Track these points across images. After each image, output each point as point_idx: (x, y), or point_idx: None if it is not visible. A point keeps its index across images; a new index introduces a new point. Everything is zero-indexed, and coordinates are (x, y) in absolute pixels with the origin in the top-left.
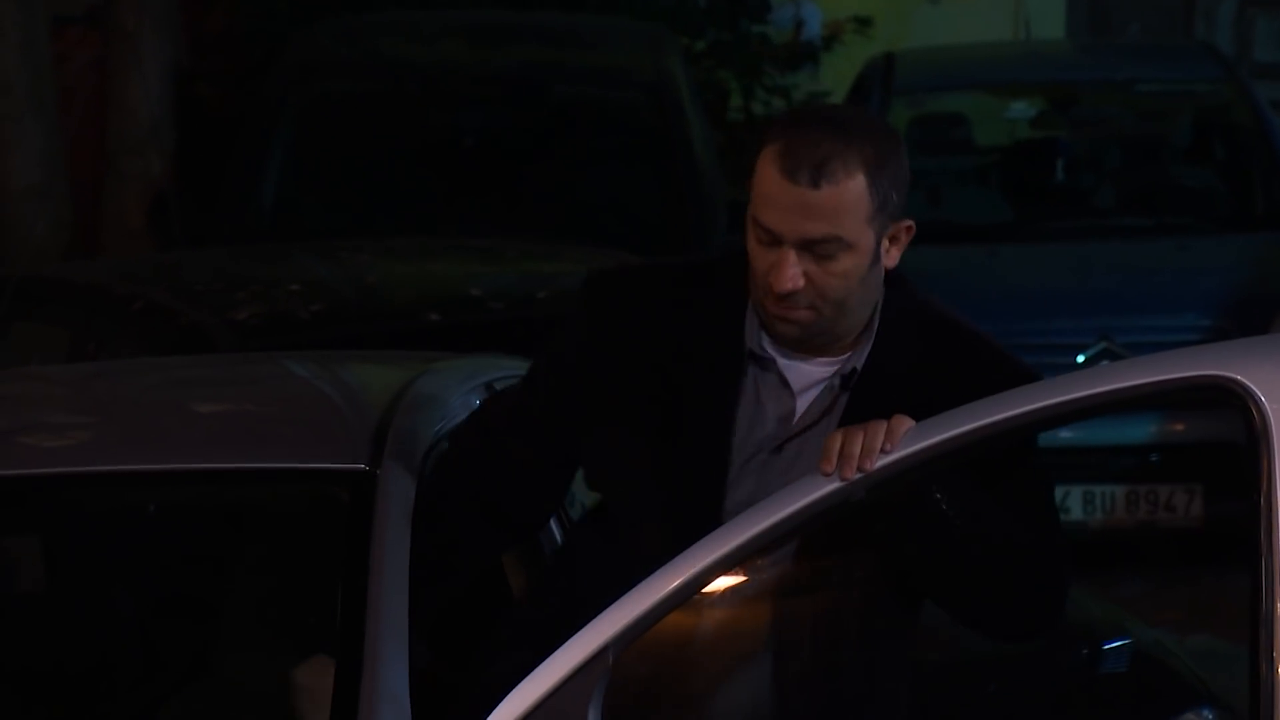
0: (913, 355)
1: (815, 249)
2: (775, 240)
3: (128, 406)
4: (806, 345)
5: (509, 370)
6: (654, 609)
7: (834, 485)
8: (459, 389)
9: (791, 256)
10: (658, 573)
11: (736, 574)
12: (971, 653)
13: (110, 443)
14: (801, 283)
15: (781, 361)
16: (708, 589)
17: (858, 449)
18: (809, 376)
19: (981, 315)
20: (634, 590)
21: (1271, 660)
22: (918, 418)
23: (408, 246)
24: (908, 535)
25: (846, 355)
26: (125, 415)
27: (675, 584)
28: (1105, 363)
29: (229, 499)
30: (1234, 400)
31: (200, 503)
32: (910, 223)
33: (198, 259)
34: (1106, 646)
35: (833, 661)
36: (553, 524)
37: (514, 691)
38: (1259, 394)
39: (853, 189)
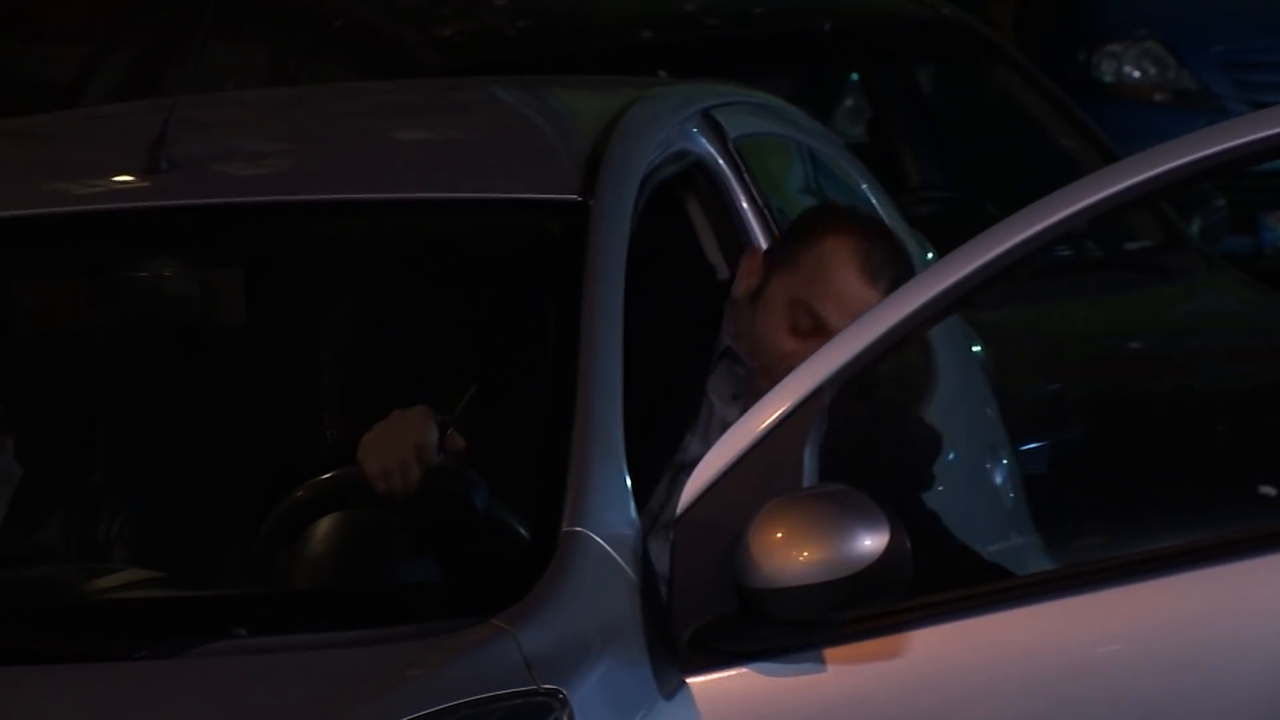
0: None
1: None
2: (819, 333)
3: (330, 134)
4: None
5: (726, 97)
6: (867, 350)
7: (1045, 225)
8: (674, 117)
9: None
10: (870, 315)
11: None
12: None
13: (312, 171)
14: None
15: None
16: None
17: None
18: None
19: (1214, 35)
20: (848, 330)
21: None
22: None
23: None
24: None
25: None
26: (327, 143)
27: (889, 325)
28: None
29: (435, 230)
30: None
31: (405, 234)
32: None
33: None
34: None
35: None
36: None
37: (728, 432)
38: None
39: None
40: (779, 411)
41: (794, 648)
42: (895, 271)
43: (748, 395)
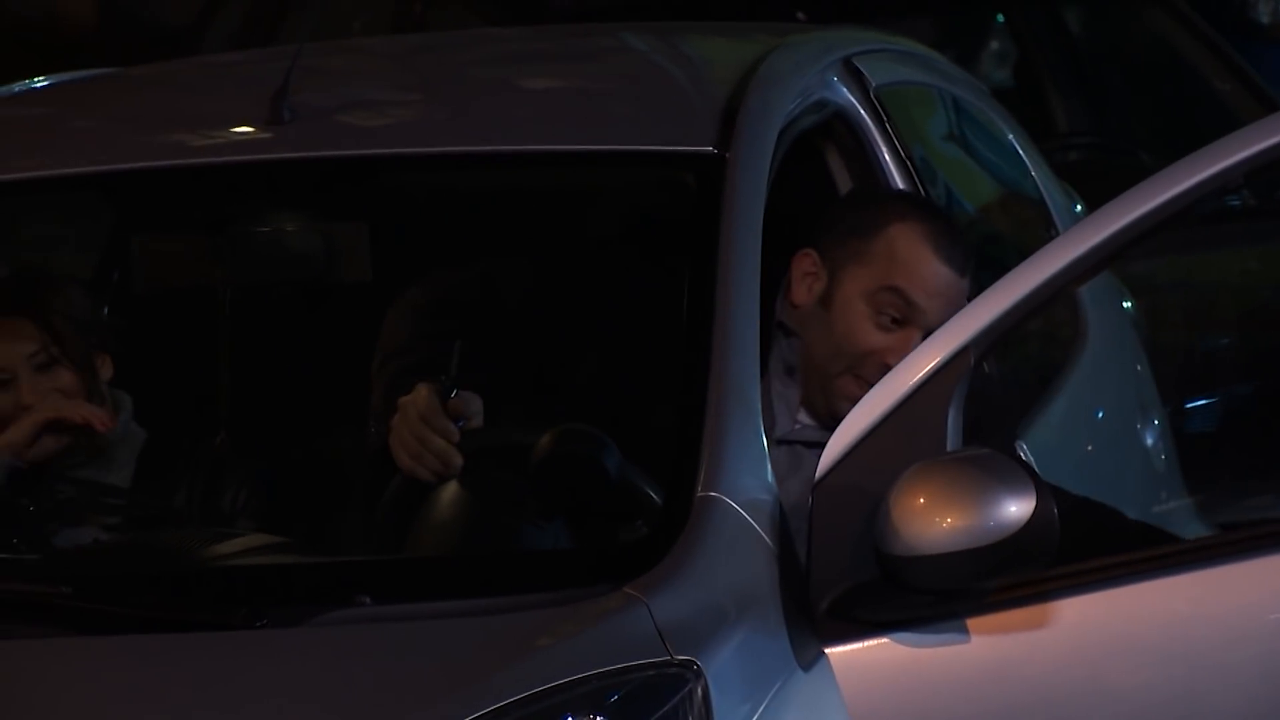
0: None
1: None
2: (906, 321)
3: (457, 83)
4: None
5: (868, 44)
6: (1015, 308)
7: (1199, 179)
8: (814, 65)
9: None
10: (1017, 270)
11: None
12: None
13: (439, 123)
14: None
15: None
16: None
17: None
18: None
19: None
20: (995, 287)
21: None
22: None
23: None
24: None
25: None
26: (454, 93)
27: (1038, 281)
28: None
29: (565, 183)
30: None
31: (533, 188)
32: None
33: None
34: None
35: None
36: None
37: (871, 391)
38: None
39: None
40: (923, 372)
41: (936, 617)
42: (963, 252)
43: (828, 401)
